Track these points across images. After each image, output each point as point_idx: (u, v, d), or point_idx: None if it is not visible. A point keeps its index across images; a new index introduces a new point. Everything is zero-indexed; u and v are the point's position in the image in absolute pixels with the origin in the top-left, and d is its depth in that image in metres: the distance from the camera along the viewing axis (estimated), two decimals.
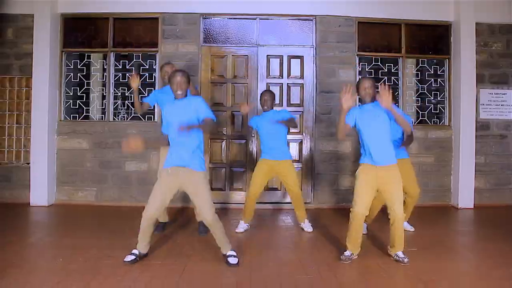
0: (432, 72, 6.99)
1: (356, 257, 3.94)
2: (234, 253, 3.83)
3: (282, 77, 6.65)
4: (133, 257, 3.77)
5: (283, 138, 5.01)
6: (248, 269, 3.67)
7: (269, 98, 4.97)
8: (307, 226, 5.09)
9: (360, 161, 3.95)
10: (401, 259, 3.82)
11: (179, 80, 3.77)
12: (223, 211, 6.11)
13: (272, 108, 5.02)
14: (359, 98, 4.04)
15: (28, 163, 6.47)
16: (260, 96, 5.02)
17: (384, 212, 4.38)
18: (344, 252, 3.93)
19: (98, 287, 3.21)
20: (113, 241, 4.44)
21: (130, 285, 3.26)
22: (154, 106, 6.13)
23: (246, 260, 3.88)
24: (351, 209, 3.86)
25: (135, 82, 4.86)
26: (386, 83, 3.74)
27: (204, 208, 3.71)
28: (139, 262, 3.77)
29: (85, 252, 4.06)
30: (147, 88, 6.68)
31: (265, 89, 6.37)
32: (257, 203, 6.31)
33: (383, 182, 3.82)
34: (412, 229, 5.01)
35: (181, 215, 5.77)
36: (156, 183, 3.83)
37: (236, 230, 5.01)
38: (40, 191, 6.34)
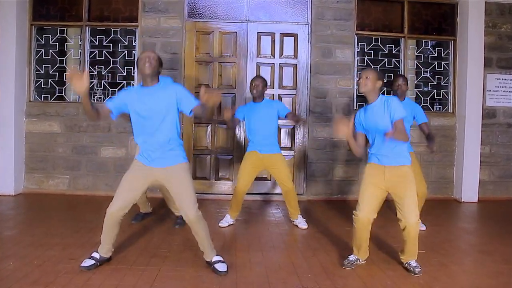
0: (436, 55, 6.46)
1: (364, 262, 3.44)
2: (221, 258, 3.26)
3: (274, 57, 6.09)
4: (92, 262, 3.17)
5: (274, 130, 4.51)
6: (233, 276, 3.14)
7: (260, 84, 4.40)
8: (301, 223, 4.60)
9: (368, 160, 3.41)
10: (412, 269, 3.26)
11: (148, 54, 3.12)
12: (207, 202, 5.58)
13: (263, 97, 4.49)
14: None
15: None
16: (251, 82, 4.46)
17: (389, 207, 3.88)
18: (349, 256, 3.42)
19: None
20: (80, 238, 3.90)
21: None
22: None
23: (231, 264, 3.34)
24: (354, 212, 3.33)
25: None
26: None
27: (186, 204, 3.13)
28: (104, 266, 3.22)
29: (45, 251, 3.52)
30: (125, 67, 6.09)
31: (256, 74, 5.76)
32: None
33: (392, 184, 3.25)
34: (424, 228, 4.50)
35: (159, 208, 5.21)
36: (127, 174, 3.24)
37: (220, 224, 4.51)
38: (6, 179, 5.77)
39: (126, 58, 6.10)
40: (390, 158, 3.25)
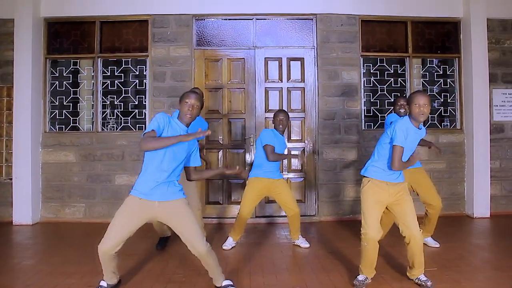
0: (441, 72, 6.54)
1: (370, 281, 3.48)
2: (231, 282, 3.32)
3: (282, 81, 6.22)
4: None
5: None
6: None
7: (285, 118, 4.57)
8: (302, 242, 4.73)
9: (371, 175, 3.44)
10: (423, 283, 3.33)
11: (193, 103, 3.13)
12: (220, 226, 5.65)
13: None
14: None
15: (11, 179, 6.02)
16: (275, 115, 4.59)
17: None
18: (358, 277, 3.46)
19: None
20: (98, 266, 3.89)
21: None
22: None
23: None
24: (362, 232, 3.39)
25: None
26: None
27: (194, 240, 3.13)
28: None
29: (64, 280, 3.61)
30: (137, 96, 6.25)
31: (265, 100, 6.07)
32: (251, 217, 5.90)
33: (395, 199, 3.41)
34: (437, 245, 4.55)
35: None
36: (120, 210, 3.11)
37: (223, 247, 4.62)
38: (24, 208, 5.89)
39: (138, 87, 6.27)
40: (396, 175, 3.41)
